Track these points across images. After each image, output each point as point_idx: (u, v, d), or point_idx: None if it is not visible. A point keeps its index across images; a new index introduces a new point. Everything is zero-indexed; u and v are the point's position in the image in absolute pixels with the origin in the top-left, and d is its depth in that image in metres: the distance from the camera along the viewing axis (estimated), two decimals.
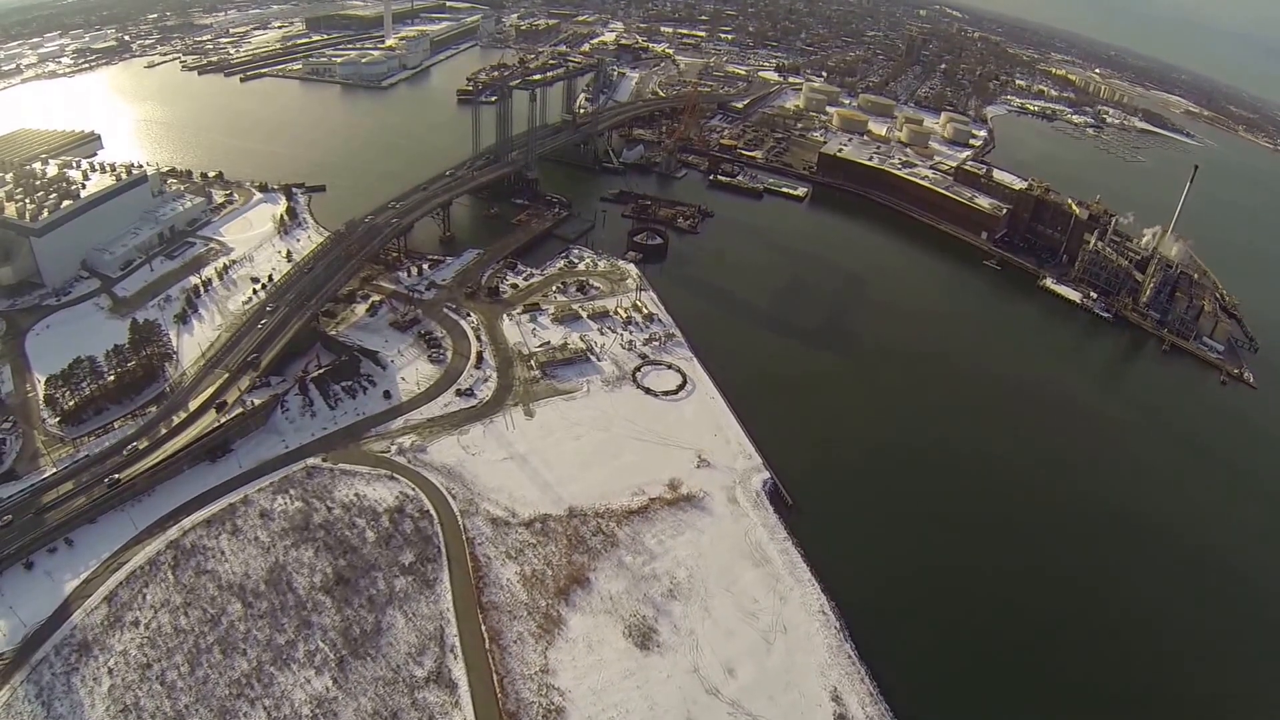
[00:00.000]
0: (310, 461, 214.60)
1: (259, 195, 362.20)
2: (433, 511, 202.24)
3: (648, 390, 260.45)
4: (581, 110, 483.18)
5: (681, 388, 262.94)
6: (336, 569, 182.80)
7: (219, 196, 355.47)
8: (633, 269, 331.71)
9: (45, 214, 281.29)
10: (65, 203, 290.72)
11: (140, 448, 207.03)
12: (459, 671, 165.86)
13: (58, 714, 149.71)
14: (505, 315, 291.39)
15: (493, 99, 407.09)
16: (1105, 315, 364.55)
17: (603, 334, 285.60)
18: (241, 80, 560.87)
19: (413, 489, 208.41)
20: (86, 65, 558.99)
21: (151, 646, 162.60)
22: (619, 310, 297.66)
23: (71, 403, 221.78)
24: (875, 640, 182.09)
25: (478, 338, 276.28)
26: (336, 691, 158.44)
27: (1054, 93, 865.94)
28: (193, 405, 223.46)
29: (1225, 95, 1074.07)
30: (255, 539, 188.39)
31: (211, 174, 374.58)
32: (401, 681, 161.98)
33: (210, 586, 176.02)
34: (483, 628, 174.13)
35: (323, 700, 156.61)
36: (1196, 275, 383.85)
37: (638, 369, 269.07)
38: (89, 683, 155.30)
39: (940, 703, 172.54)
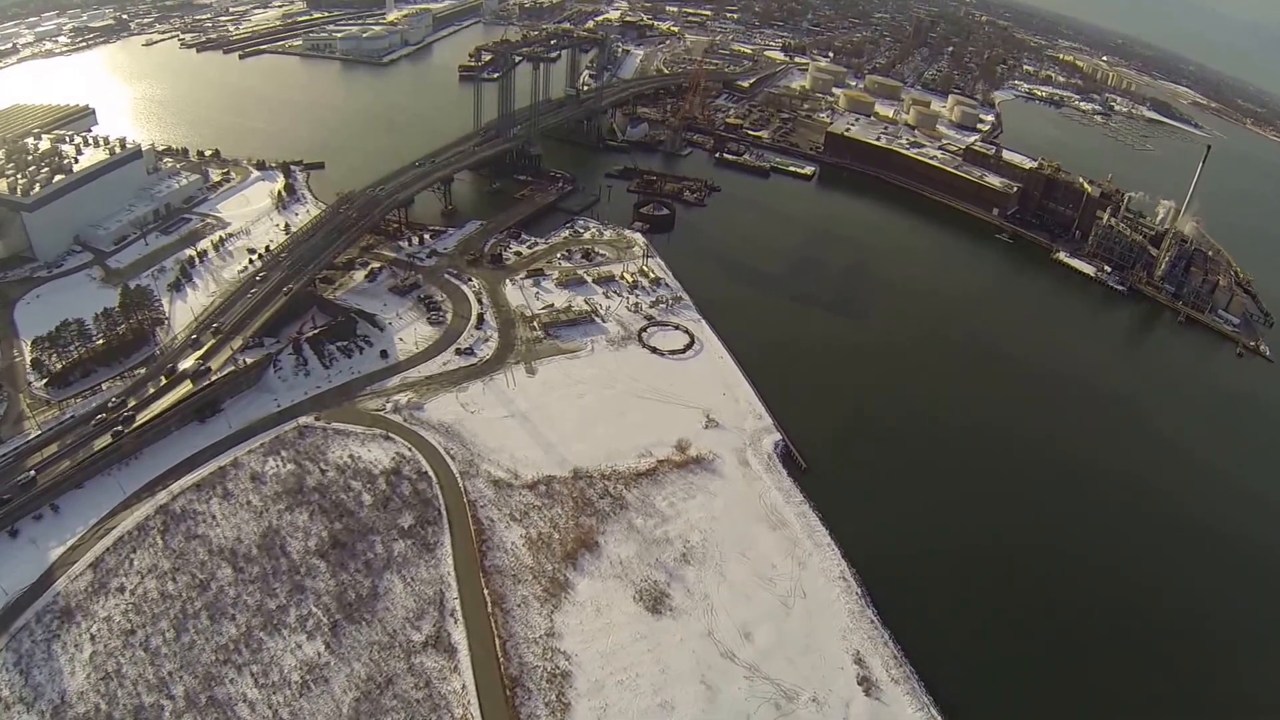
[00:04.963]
0: (302, 420, 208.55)
1: (256, 173, 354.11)
2: (431, 473, 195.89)
3: (654, 349, 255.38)
4: (585, 87, 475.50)
5: (689, 347, 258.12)
6: (332, 533, 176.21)
7: (215, 174, 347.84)
8: (639, 238, 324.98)
9: (37, 188, 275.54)
10: (57, 177, 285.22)
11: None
12: (459, 635, 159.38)
13: (36, 682, 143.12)
14: (508, 280, 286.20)
15: (495, 76, 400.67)
16: (1119, 288, 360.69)
17: (608, 297, 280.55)
18: (240, 57, 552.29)
19: (409, 449, 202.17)
20: (84, 44, 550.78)
21: (136, 613, 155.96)
22: (625, 275, 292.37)
23: (58, 365, 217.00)
24: (897, 605, 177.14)
25: (479, 301, 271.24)
26: (329, 657, 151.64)
27: (1061, 79, 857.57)
28: (182, 366, 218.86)
29: (1232, 88, 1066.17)
30: (247, 503, 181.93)
31: (208, 152, 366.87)
32: (398, 646, 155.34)
33: (200, 551, 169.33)
34: (485, 591, 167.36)
35: (314, 665, 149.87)
36: (1210, 252, 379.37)
37: (643, 329, 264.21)
38: (70, 650, 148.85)
39: (965, 667, 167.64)
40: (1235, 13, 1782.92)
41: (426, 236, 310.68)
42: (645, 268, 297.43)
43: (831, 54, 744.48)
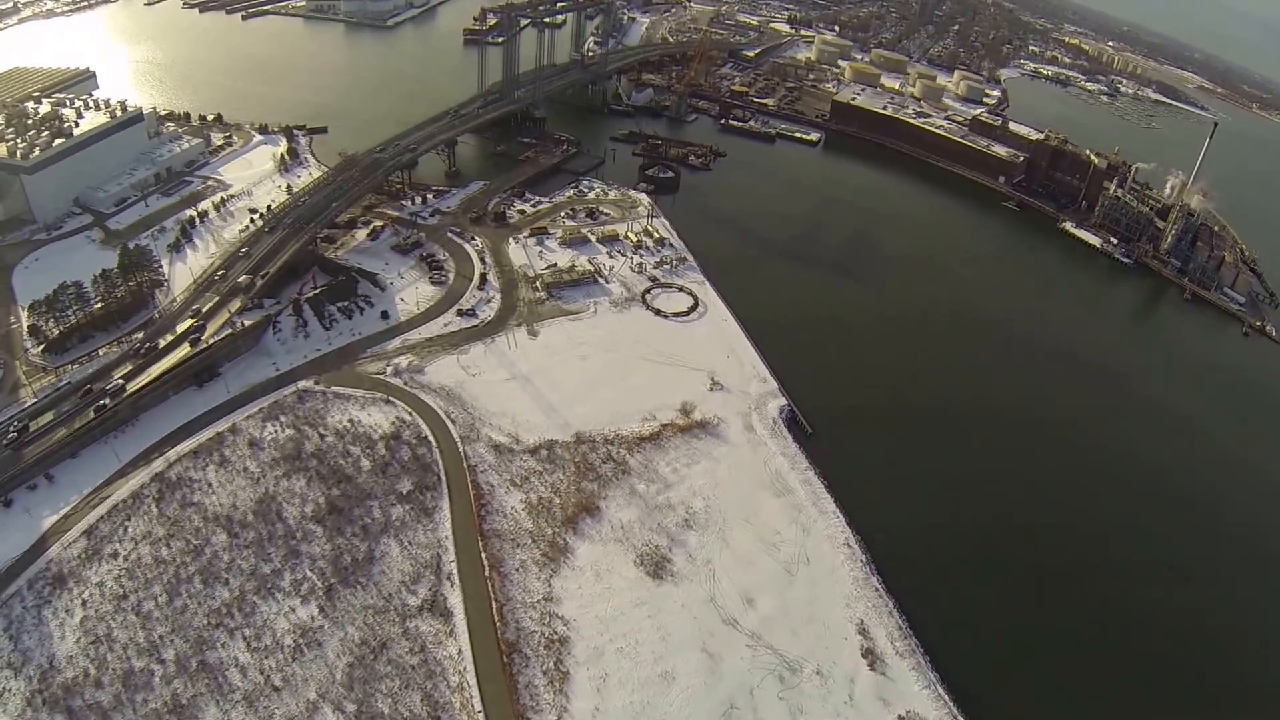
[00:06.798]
0: (302, 384, 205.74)
1: (259, 137, 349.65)
2: (431, 438, 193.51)
3: (657, 311, 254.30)
4: (590, 53, 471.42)
5: (693, 310, 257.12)
6: (330, 499, 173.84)
7: (217, 139, 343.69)
8: (644, 198, 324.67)
9: (37, 152, 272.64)
10: (58, 141, 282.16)
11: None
12: (455, 599, 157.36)
13: (25, 647, 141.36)
14: (511, 239, 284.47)
15: (499, 40, 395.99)
16: (1126, 260, 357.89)
17: (612, 257, 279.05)
18: (243, 19, 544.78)
19: (410, 414, 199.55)
20: (85, 4, 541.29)
21: (129, 578, 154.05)
22: (629, 235, 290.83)
23: (56, 331, 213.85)
24: (902, 573, 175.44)
25: (482, 260, 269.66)
26: (322, 620, 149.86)
27: (1067, 60, 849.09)
28: (180, 328, 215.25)
29: (1239, 75, 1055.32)
30: (244, 469, 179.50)
31: (210, 116, 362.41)
32: (393, 610, 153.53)
33: (195, 518, 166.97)
34: (483, 555, 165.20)
35: (307, 629, 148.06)
36: (1217, 227, 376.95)
37: (647, 291, 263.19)
38: (60, 615, 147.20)
39: (970, 639, 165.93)
40: (1238, 4, 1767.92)
41: (429, 196, 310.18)
42: (650, 227, 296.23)
43: (837, 28, 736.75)
